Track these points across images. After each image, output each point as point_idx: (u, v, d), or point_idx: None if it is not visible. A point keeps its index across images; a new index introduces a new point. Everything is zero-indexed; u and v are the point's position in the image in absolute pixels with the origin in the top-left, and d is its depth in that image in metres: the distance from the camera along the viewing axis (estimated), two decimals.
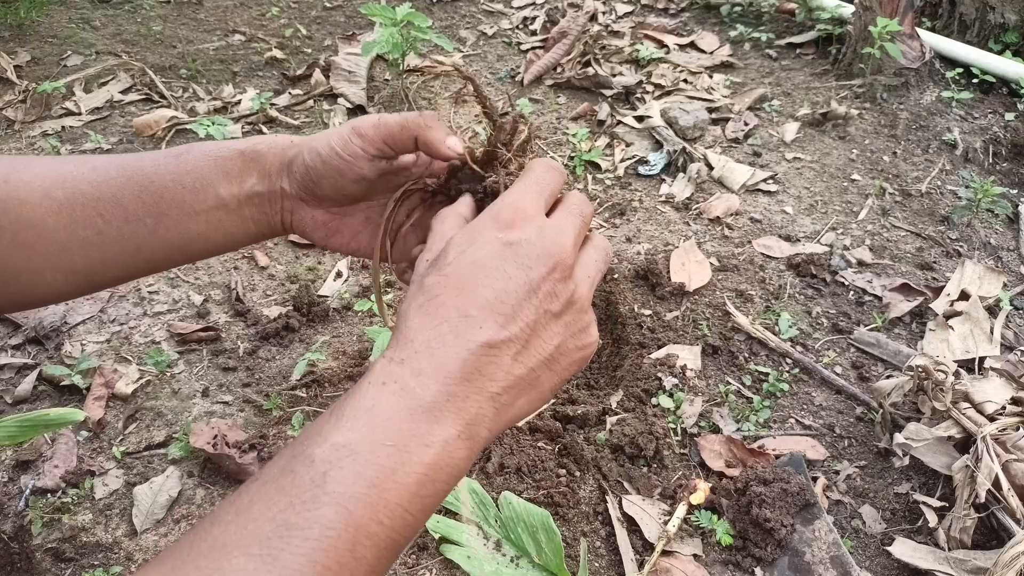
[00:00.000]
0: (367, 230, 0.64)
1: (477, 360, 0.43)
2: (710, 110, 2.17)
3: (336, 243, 0.63)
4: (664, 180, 1.96)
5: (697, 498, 1.18)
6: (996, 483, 1.10)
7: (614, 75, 2.34)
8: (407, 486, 0.41)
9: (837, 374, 1.44)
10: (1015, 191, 1.90)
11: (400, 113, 0.58)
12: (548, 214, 0.50)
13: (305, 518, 0.38)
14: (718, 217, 1.81)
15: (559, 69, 2.40)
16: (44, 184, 0.56)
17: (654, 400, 1.37)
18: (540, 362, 0.46)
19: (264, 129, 2.14)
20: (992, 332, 1.45)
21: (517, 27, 2.70)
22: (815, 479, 1.25)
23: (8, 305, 0.59)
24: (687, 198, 1.87)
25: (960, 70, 2.24)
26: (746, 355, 1.46)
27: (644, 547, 1.15)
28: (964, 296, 1.53)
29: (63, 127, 2.11)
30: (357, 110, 2.24)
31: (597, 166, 2.01)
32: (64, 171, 0.58)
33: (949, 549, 1.12)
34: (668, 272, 1.62)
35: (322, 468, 0.40)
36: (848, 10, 2.39)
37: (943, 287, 1.57)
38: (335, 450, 0.40)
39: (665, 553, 1.13)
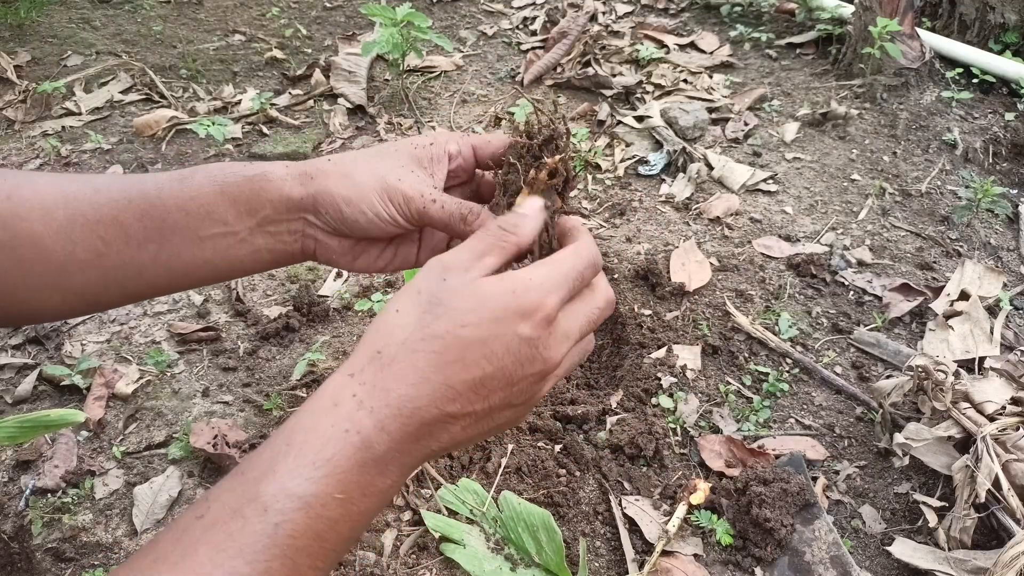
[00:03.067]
0: (392, 249, 0.63)
1: (435, 426, 0.45)
2: (710, 110, 2.17)
3: (361, 265, 0.63)
4: (664, 180, 1.96)
5: (697, 498, 1.18)
6: (996, 483, 1.10)
7: (614, 75, 2.34)
8: (343, 534, 0.43)
9: (837, 374, 1.44)
10: (1015, 191, 1.90)
11: (442, 207, 0.56)
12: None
13: (254, 569, 0.40)
14: (718, 217, 1.81)
15: (559, 69, 2.40)
16: (45, 203, 0.55)
17: (654, 400, 1.37)
18: (480, 433, 0.48)
19: (264, 129, 2.14)
20: (992, 332, 1.45)
21: (517, 27, 2.70)
22: (815, 479, 1.25)
23: (7, 320, 0.58)
24: (687, 198, 1.87)
25: (960, 70, 2.24)
26: (746, 355, 1.46)
27: (644, 547, 1.15)
28: (964, 296, 1.53)
29: (63, 127, 2.11)
30: (357, 110, 2.24)
31: (597, 166, 2.01)
32: (67, 190, 0.56)
33: (949, 549, 1.12)
34: (668, 272, 1.62)
35: (274, 519, 0.40)
36: (848, 10, 2.39)
37: (943, 287, 1.57)
38: (289, 500, 0.41)
39: (665, 553, 1.13)
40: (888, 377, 1.39)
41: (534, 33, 2.65)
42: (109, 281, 0.57)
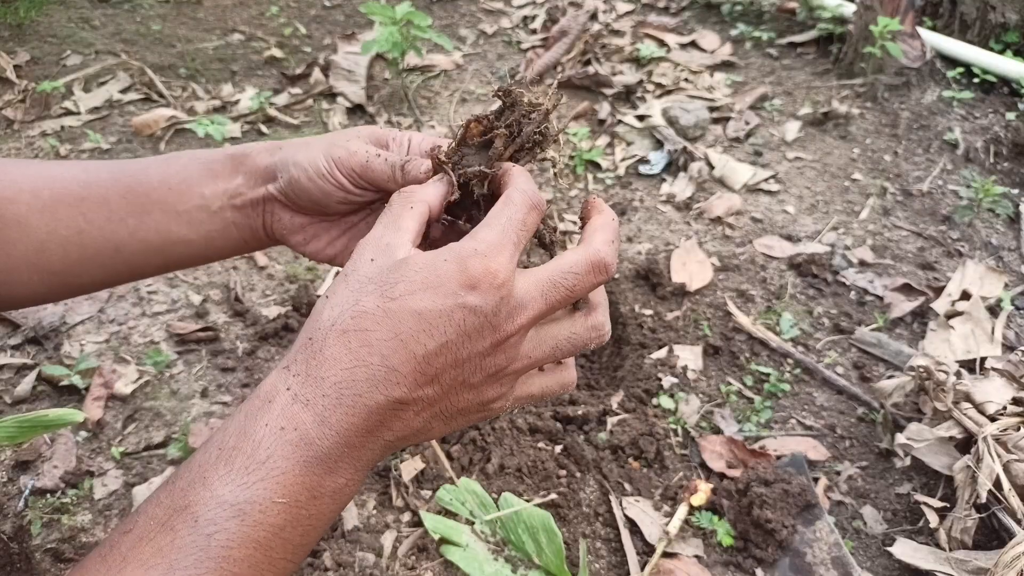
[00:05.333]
0: (344, 237, 0.61)
1: (383, 414, 0.41)
2: (711, 109, 2.16)
3: (312, 249, 0.61)
4: (665, 179, 1.96)
5: (698, 499, 1.18)
6: (997, 483, 1.10)
7: (615, 74, 2.34)
8: (292, 540, 0.40)
9: (838, 374, 1.43)
10: (1016, 191, 1.90)
11: (384, 158, 0.54)
12: (526, 267, 0.46)
13: None
14: (719, 217, 1.81)
15: (559, 68, 2.40)
16: (34, 184, 0.56)
17: (655, 400, 1.36)
18: (439, 419, 0.44)
19: (263, 128, 2.13)
20: (993, 332, 1.45)
21: (517, 26, 2.69)
22: (816, 480, 1.24)
23: None
24: (688, 197, 1.87)
25: (961, 69, 2.24)
26: (747, 355, 1.46)
27: (645, 548, 1.15)
28: (965, 296, 1.53)
29: (62, 127, 2.10)
30: (356, 109, 2.23)
31: (598, 165, 2.00)
32: (55, 172, 0.57)
33: (950, 549, 1.11)
34: (669, 272, 1.61)
35: (207, 530, 0.37)
36: (849, 9, 2.38)
37: (944, 287, 1.57)
38: (221, 508, 0.38)
39: (666, 554, 1.13)
40: (889, 377, 1.38)
41: (534, 32, 2.64)
42: (88, 258, 0.57)
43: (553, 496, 1.19)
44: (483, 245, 0.42)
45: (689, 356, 1.45)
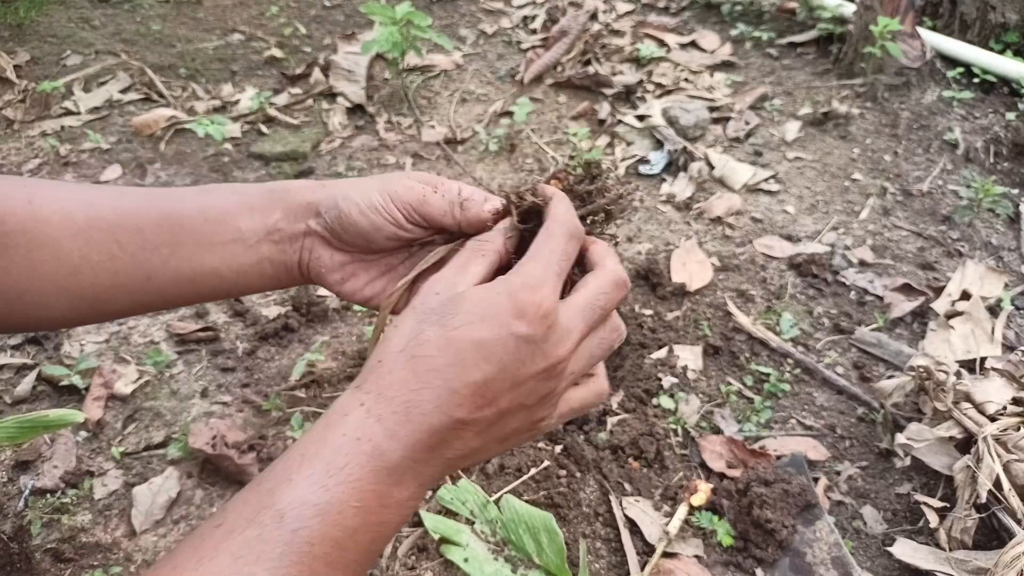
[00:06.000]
0: (383, 279, 0.62)
1: (446, 433, 0.45)
2: (711, 109, 2.16)
3: (349, 288, 0.61)
4: (665, 179, 1.96)
5: (698, 499, 1.18)
6: (997, 483, 1.10)
7: (615, 74, 2.34)
8: (363, 544, 0.43)
9: (838, 374, 1.43)
10: (1016, 191, 1.90)
11: (442, 194, 0.56)
12: (567, 291, 0.50)
13: (274, 575, 0.39)
14: (719, 217, 1.81)
15: (559, 68, 2.40)
16: (67, 207, 0.55)
17: (655, 400, 1.36)
18: (495, 440, 0.48)
19: (263, 128, 2.13)
20: (993, 332, 1.45)
21: (517, 26, 2.69)
22: (816, 480, 1.24)
23: (8, 326, 0.58)
24: (688, 197, 1.87)
25: (961, 69, 2.24)
26: (747, 355, 1.46)
27: (645, 548, 1.15)
28: (965, 296, 1.53)
29: (62, 127, 2.10)
30: (356, 109, 2.23)
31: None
32: (90, 196, 0.57)
33: (950, 549, 1.11)
34: (669, 272, 1.61)
35: (291, 526, 0.41)
36: (849, 9, 2.38)
37: (944, 287, 1.57)
38: (305, 508, 0.41)
39: (666, 554, 1.13)
40: (889, 377, 1.38)
41: (534, 32, 2.64)
42: (118, 285, 0.57)
43: (553, 496, 1.19)
44: (530, 279, 0.47)
45: (689, 356, 1.45)
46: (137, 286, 0.57)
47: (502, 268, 0.52)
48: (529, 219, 0.54)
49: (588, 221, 0.56)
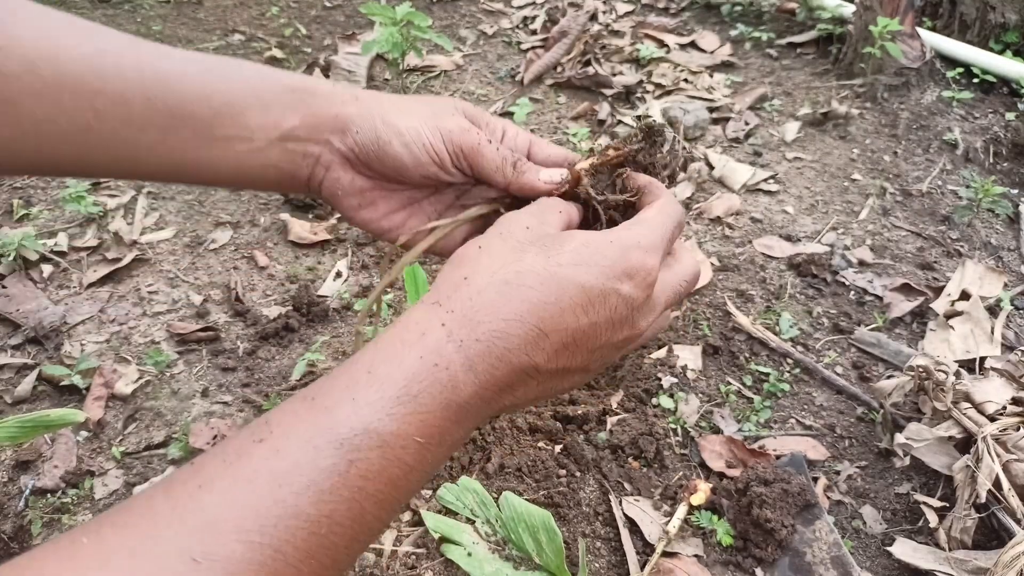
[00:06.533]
0: (403, 212, 0.55)
1: (519, 377, 0.41)
2: (711, 109, 2.16)
3: (365, 217, 0.55)
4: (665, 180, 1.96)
5: (698, 499, 1.18)
6: (997, 483, 1.10)
7: (614, 74, 2.34)
8: (410, 487, 0.38)
9: (838, 374, 1.43)
10: (1016, 191, 1.90)
11: (497, 149, 0.51)
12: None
13: (319, 510, 0.33)
14: (719, 217, 1.81)
15: (559, 68, 2.40)
16: (31, 55, 0.43)
17: (654, 400, 1.36)
18: (545, 394, 0.45)
19: None
20: (993, 332, 1.45)
21: (517, 26, 2.70)
22: (816, 479, 1.25)
23: None
24: (688, 197, 1.87)
25: (961, 70, 2.24)
26: (747, 355, 1.46)
27: (644, 548, 1.15)
28: (965, 296, 1.53)
29: None
30: None
31: None
32: (62, 44, 0.44)
33: (950, 549, 1.11)
34: None
35: (349, 455, 0.35)
36: (849, 9, 2.38)
37: (944, 287, 1.57)
38: (367, 436, 0.36)
39: (666, 554, 1.13)
40: (889, 377, 1.38)
41: (534, 32, 2.64)
42: (88, 160, 0.47)
43: (553, 495, 1.19)
44: (645, 240, 0.44)
45: (689, 356, 1.45)
46: (111, 162, 0.48)
47: None
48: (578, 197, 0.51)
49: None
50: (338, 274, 1.65)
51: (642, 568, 1.12)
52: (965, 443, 1.19)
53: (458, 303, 0.40)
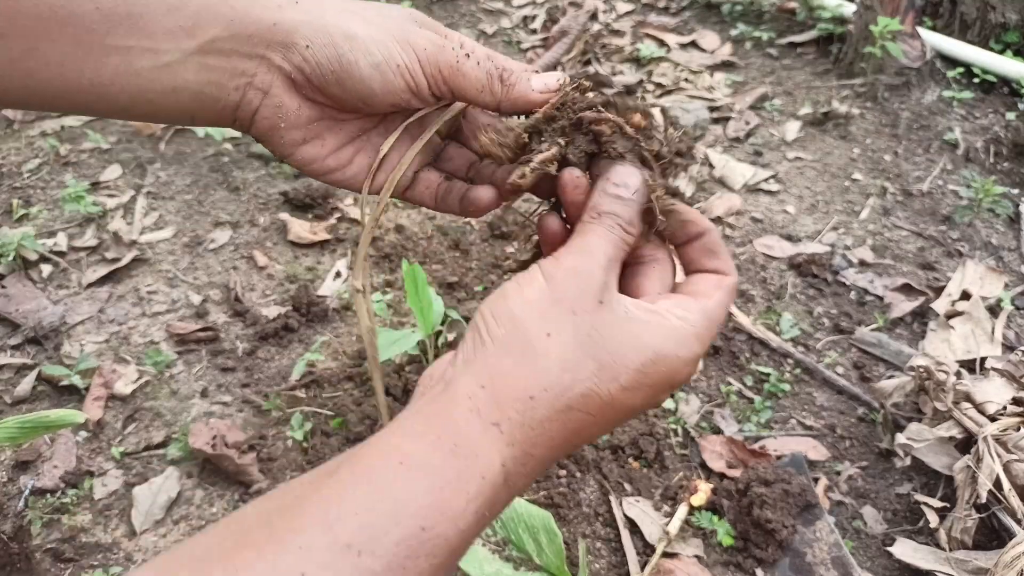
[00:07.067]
0: (351, 148, 0.46)
1: (566, 452, 0.39)
2: (711, 109, 2.16)
3: (308, 154, 0.45)
4: None
5: (698, 499, 1.18)
6: (997, 483, 1.09)
7: (615, 74, 2.34)
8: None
9: (839, 374, 1.43)
10: (1016, 191, 1.90)
11: (478, 64, 0.42)
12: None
13: None
14: (719, 216, 1.80)
15: (559, 68, 2.40)
16: None
17: None
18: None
19: None
20: (993, 332, 1.45)
21: (517, 26, 2.69)
22: (816, 480, 1.24)
23: None
24: (688, 197, 1.87)
25: (961, 69, 2.24)
26: (747, 355, 1.46)
27: (645, 548, 1.15)
28: (965, 296, 1.53)
29: (62, 126, 2.10)
30: None
31: None
32: None
33: (950, 549, 1.11)
34: None
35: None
36: (849, 9, 2.38)
37: (944, 287, 1.57)
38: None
39: (667, 555, 1.13)
40: (890, 377, 1.38)
41: (534, 32, 2.64)
42: None
43: (553, 495, 1.19)
44: (700, 349, 0.39)
45: None
46: None
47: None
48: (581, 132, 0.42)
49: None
50: (337, 274, 1.65)
51: (642, 569, 1.12)
52: (966, 443, 1.19)
53: (520, 433, 0.35)
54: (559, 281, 0.38)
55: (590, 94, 0.46)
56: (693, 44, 2.53)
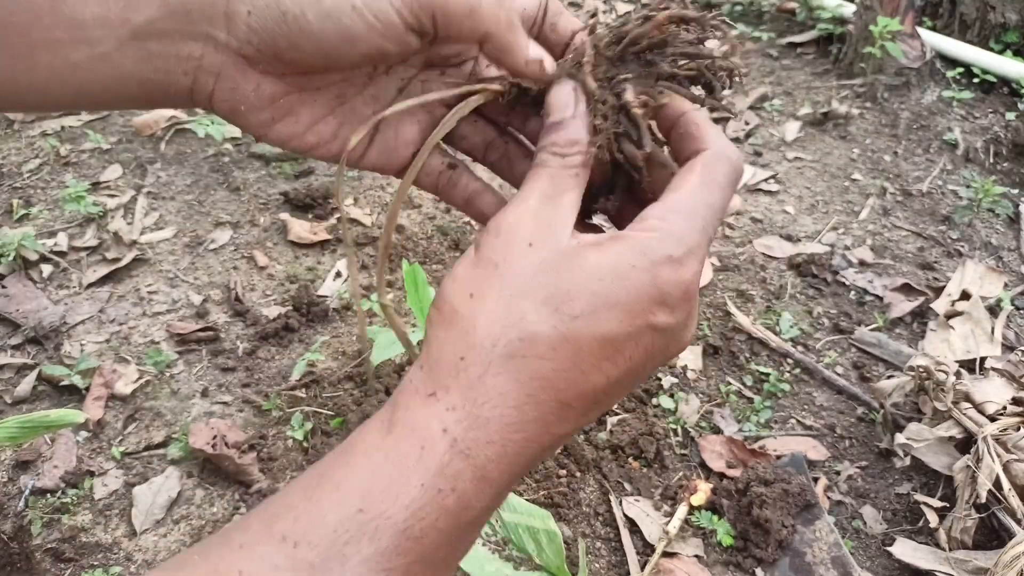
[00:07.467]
0: (332, 120, 0.41)
1: (544, 453, 0.34)
2: (711, 109, 2.16)
3: (284, 133, 0.40)
4: None
5: (698, 499, 1.18)
6: (997, 483, 1.10)
7: None
8: None
9: (838, 374, 1.43)
10: (1016, 191, 1.90)
11: None
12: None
13: None
14: None
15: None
16: None
17: (655, 400, 1.36)
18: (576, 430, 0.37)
19: None
20: (993, 332, 1.45)
21: None
22: (816, 479, 1.24)
23: None
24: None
25: (961, 70, 2.24)
26: (747, 355, 1.46)
27: (644, 548, 1.15)
28: (965, 296, 1.53)
29: (62, 127, 2.10)
30: None
31: None
32: None
33: (950, 549, 1.11)
34: None
35: None
36: (849, 9, 2.38)
37: (944, 287, 1.57)
38: None
39: (666, 554, 1.13)
40: (889, 377, 1.38)
41: None
42: None
43: (553, 495, 1.19)
44: (680, 248, 0.33)
45: (689, 356, 1.45)
46: None
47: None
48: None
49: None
50: (338, 274, 1.65)
51: (642, 568, 1.12)
52: (965, 443, 1.19)
53: (458, 396, 0.32)
54: (482, 243, 0.34)
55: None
56: None
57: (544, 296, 0.32)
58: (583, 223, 0.39)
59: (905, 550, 1.13)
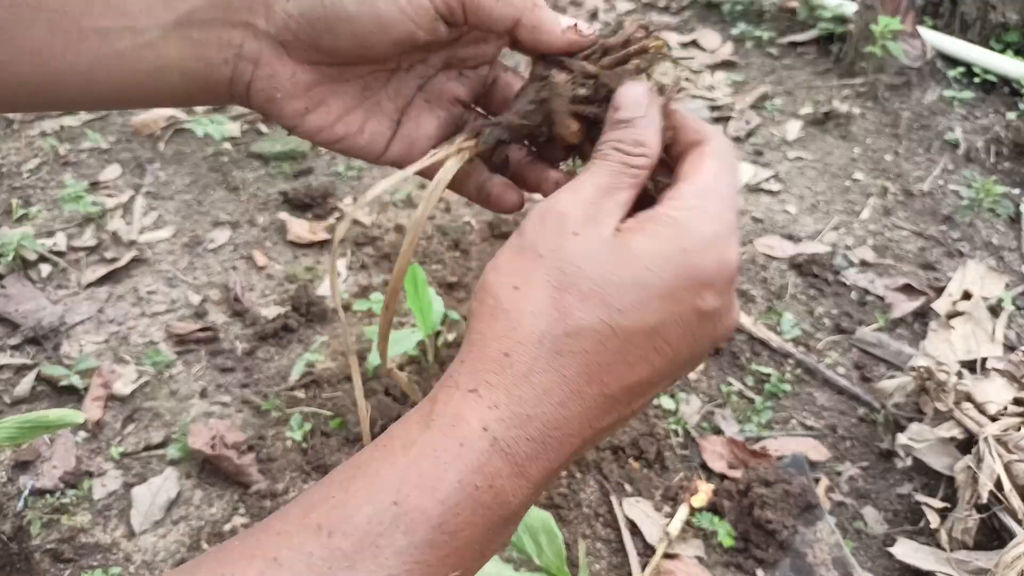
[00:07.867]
0: (361, 111, 0.42)
1: (585, 446, 0.33)
2: (712, 108, 2.16)
3: (315, 124, 0.41)
4: None
5: (699, 500, 1.18)
6: (998, 484, 1.09)
7: None
8: None
9: (839, 375, 1.43)
10: (1017, 191, 1.89)
11: None
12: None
13: None
14: None
15: None
16: None
17: (655, 401, 1.36)
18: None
19: (263, 128, 2.13)
20: (994, 332, 1.45)
21: None
22: (817, 480, 1.24)
23: None
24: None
25: (962, 69, 2.23)
26: (748, 355, 1.46)
27: (645, 549, 1.15)
28: (966, 296, 1.53)
29: (62, 126, 2.10)
30: None
31: None
32: None
33: (951, 550, 1.11)
34: None
35: None
36: (850, 8, 2.38)
37: (945, 287, 1.57)
38: None
39: (667, 555, 1.13)
40: (890, 377, 1.38)
41: None
42: None
43: (553, 496, 1.19)
44: (724, 228, 0.33)
45: None
46: None
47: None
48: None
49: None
50: (337, 274, 1.65)
51: (643, 569, 1.11)
52: (966, 443, 1.19)
53: (503, 393, 0.31)
54: (525, 231, 0.34)
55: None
56: (694, 43, 2.52)
57: (590, 288, 0.32)
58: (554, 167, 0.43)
59: (906, 551, 1.13)
